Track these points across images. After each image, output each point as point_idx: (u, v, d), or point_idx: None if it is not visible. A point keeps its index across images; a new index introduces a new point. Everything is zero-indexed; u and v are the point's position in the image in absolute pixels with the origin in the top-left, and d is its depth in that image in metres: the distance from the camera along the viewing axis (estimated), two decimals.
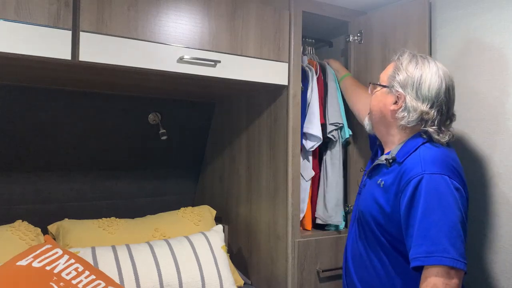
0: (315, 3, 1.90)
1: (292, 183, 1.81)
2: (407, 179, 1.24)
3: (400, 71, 1.36)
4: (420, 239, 1.17)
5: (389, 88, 1.38)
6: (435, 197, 1.18)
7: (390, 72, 1.40)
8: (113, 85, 1.86)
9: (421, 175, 1.21)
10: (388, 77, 1.40)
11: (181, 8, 1.56)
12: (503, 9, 1.54)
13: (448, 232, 1.15)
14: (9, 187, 1.94)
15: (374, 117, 1.45)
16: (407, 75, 1.34)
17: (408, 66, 1.35)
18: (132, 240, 1.82)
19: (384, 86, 1.41)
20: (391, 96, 1.37)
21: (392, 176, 1.30)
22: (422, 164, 1.24)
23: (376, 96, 1.44)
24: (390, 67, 1.42)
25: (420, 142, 1.31)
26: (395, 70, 1.38)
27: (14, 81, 1.74)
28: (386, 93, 1.40)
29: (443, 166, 1.23)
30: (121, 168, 2.21)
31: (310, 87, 1.92)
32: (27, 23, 1.29)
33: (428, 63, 1.35)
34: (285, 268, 1.81)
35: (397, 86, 1.35)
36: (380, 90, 1.42)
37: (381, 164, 1.37)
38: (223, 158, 2.29)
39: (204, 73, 1.59)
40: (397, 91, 1.35)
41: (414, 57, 1.38)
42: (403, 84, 1.34)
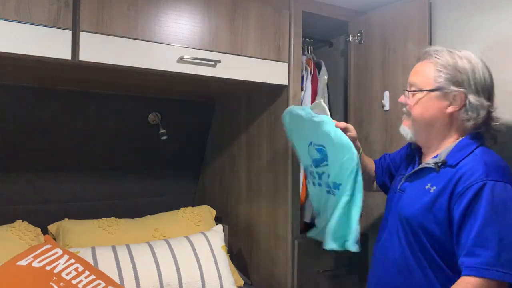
0: (315, 3, 1.90)
1: (292, 183, 1.81)
2: (467, 184, 1.14)
3: (447, 68, 1.23)
4: (478, 248, 1.09)
5: (440, 91, 1.24)
6: (499, 207, 1.10)
7: (432, 73, 1.25)
8: (113, 85, 1.86)
9: (484, 181, 1.12)
10: (433, 78, 1.25)
11: (181, 8, 1.56)
12: (503, 9, 1.54)
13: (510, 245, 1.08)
14: (9, 187, 1.93)
15: (421, 124, 1.30)
16: (457, 71, 1.22)
17: (454, 61, 1.23)
18: (132, 240, 1.82)
19: (432, 90, 1.25)
20: (445, 98, 1.24)
21: (444, 181, 1.20)
22: (485, 169, 1.14)
23: (422, 102, 1.28)
24: (427, 67, 1.28)
25: (474, 144, 1.22)
26: (439, 69, 1.24)
27: (14, 81, 1.74)
28: (435, 96, 1.25)
29: (506, 174, 1.15)
30: (121, 168, 2.21)
31: (304, 86, 1.93)
32: (27, 23, 1.29)
33: (469, 55, 1.25)
34: (285, 268, 1.81)
35: (451, 85, 1.22)
36: (425, 96, 1.27)
37: (427, 168, 1.27)
38: (223, 158, 2.29)
39: (204, 73, 1.60)
40: (453, 91, 1.22)
41: (451, 52, 1.26)
42: (457, 81, 1.22)
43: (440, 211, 1.19)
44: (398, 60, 1.84)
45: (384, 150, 1.87)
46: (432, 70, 1.26)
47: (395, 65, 1.85)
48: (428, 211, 1.22)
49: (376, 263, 1.42)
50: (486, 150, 1.22)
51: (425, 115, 1.28)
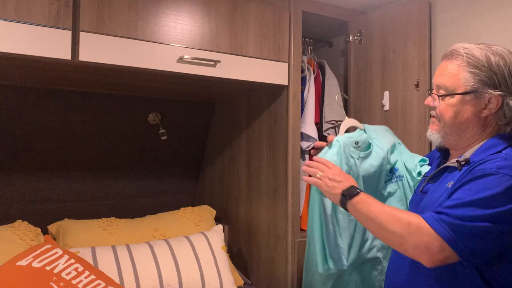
0: (315, 3, 1.90)
1: (292, 183, 1.81)
2: (476, 169, 1.08)
3: (480, 69, 1.14)
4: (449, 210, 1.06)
5: (475, 93, 1.14)
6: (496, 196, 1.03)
7: (462, 75, 1.16)
8: (113, 85, 1.86)
9: (495, 171, 1.04)
10: (464, 81, 1.15)
11: (181, 8, 1.56)
12: (503, 9, 1.54)
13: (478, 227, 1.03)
14: (9, 187, 1.94)
15: (451, 129, 1.22)
16: (492, 71, 1.13)
17: (488, 60, 1.14)
18: (132, 240, 1.82)
19: (465, 93, 1.16)
20: (479, 101, 1.15)
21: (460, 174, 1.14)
22: (502, 163, 1.06)
23: (453, 106, 1.18)
24: (459, 67, 1.17)
25: (503, 144, 1.14)
26: (472, 69, 1.15)
27: (14, 81, 1.74)
28: (468, 99, 1.16)
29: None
30: (121, 168, 2.21)
31: (307, 87, 1.93)
32: (27, 23, 1.29)
33: (501, 50, 1.15)
34: (285, 268, 1.81)
35: (486, 87, 1.13)
36: (457, 99, 1.17)
37: (451, 166, 1.20)
38: (223, 158, 2.29)
39: (204, 73, 1.59)
40: (490, 93, 1.12)
41: (481, 48, 1.16)
42: (494, 83, 1.13)
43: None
44: (398, 60, 1.84)
45: None
46: (464, 70, 1.16)
47: (395, 65, 1.85)
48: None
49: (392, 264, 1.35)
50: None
51: (458, 120, 1.19)
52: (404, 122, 1.82)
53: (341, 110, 2.01)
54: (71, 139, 2.01)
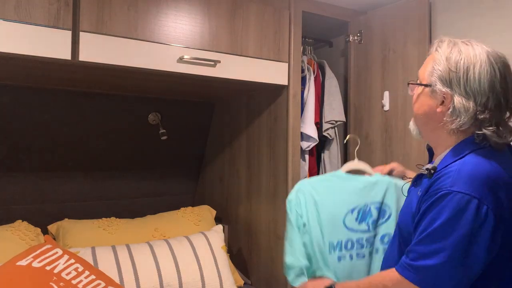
0: (315, 3, 1.90)
1: (292, 183, 1.80)
2: (434, 189, 1.07)
3: (441, 64, 1.12)
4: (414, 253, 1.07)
5: (431, 87, 1.14)
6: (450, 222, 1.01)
7: (429, 68, 1.16)
8: (113, 85, 1.86)
9: (448, 190, 1.02)
10: (428, 73, 1.16)
11: (181, 8, 1.56)
12: (503, 9, 1.54)
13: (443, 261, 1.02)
14: (9, 187, 1.94)
15: (419, 121, 1.22)
16: (449, 69, 1.10)
17: (450, 57, 1.11)
18: (132, 240, 1.82)
19: (424, 85, 1.16)
20: (435, 96, 1.13)
21: (426, 185, 1.12)
22: (456, 177, 1.04)
23: (418, 97, 1.20)
24: (429, 61, 1.18)
25: (469, 149, 1.09)
26: (434, 64, 1.14)
27: (14, 81, 1.74)
28: (429, 93, 1.15)
29: (479, 186, 1.02)
30: (121, 168, 2.21)
31: (307, 87, 1.93)
32: (27, 23, 1.29)
33: (474, 50, 1.11)
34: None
35: (440, 84, 1.11)
36: (422, 91, 1.18)
37: (423, 174, 1.18)
38: (223, 158, 2.29)
39: (204, 73, 1.59)
40: (441, 91, 1.11)
41: (456, 44, 1.14)
42: (447, 80, 1.10)
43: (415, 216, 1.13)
44: (398, 60, 1.84)
45: (384, 150, 1.88)
46: (431, 63, 1.16)
47: (395, 65, 1.85)
48: (411, 218, 1.15)
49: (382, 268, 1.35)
50: (478, 156, 1.08)
51: (419, 111, 1.20)
52: (404, 122, 1.82)
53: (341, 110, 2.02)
54: (71, 139, 2.01)
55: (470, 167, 1.05)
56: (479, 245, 1.01)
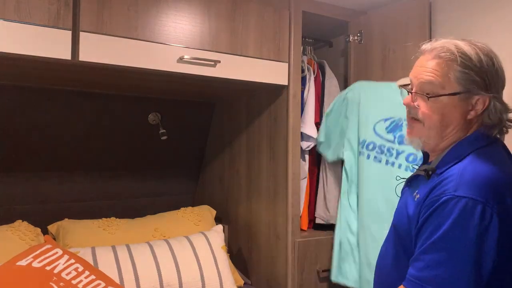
0: (315, 3, 1.90)
1: (292, 183, 1.81)
2: (436, 194, 1.02)
3: (472, 68, 1.05)
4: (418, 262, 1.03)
5: (465, 94, 1.05)
6: (455, 228, 0.97)
7: (453, 73, 1.06)
8: (113, 85, 1.86)
9: (451, 196, 0.98)
10: (455, 79, 1.06)
11: (181, 8, 1.56)
12: (503, 9, 1.54)
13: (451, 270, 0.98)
14: (9, 187, 1.94)
15: (433, 132, 1.11)
16: (483, 72, 1.04)
17: (480, 59, 1.05)
18: (132, 240, 1.82)
19: (456, 94, 1.06)
20: (467, 102, 1.06)
21: (426, 189, 1.08)
22: (459, 181, 1.00)
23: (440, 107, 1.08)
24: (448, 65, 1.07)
25: (468, 149, 1.06)
26: (463, 69, 1.05)
27: (14, 81, 1.74)
28: (458, 100, 1.06)
29: (484, 188, 0.99)
30: (121, 168, 2.21)
31: (307, 87, 1.93)
32: (27, 23, 1.29)
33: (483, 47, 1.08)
34: (285, 268, 1.81)
35: (476, 88, 1.04)
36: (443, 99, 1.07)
37: (421, 175, 1.14)
38: (223, 158, 2.29)
39: (204, 73, 1.59)
40: (481, 94, 1.04)
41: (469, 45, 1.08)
42: (485, 83, 1.04)
43: (414, 220, 1.09)
44: (398, 60, 1.84)
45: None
46: (454, 69, 1.06)
47: (395, 65, 1.85)
48: (407, 220, 1.12)
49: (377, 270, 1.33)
50: (480, 158, 1.04)
51: (444, 123, 1.09)
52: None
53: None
54: (71, 139, 2.01)
55: (474, 169, 1.02)
56: (487, 250, 0.97)
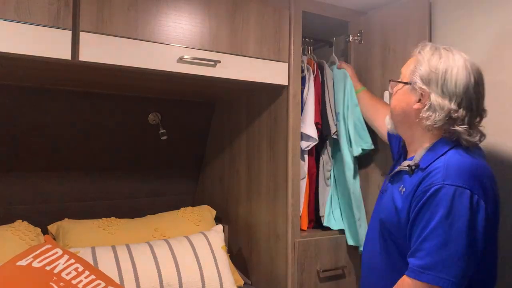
0: (315, 3, 1.90)
1: (292, 183, 1.81)
2: (425, 185, 1.14)
3: (422, 65, 1.24)
4: (420, 251, 1.12)
5: (412, 85, 1.26)
6: (449, 213, 1.09)
7: (411, 67, 1.28)
8: (113, 85, 1.86)
9: (441, 184, 1.11)
10: (410, 72, 1.27)
11: (181, 8, 1.56)
12: (503, 8, 1.54)
13: (450, 252, 1.08)
14: (9, 187, 1.94)
15: (396, 117, 1.34)
16: (430, 70, 1.22)
17: (431, 60, 1.23)
18: (132, 240, 1.82)
19: (405, 83, 1.28)
20: (414, 93, 1.25)
21: (414, 183, 1.20)
22: (445, 172, 1.13)
23: (398, 94, 1.32)
24: (412, 61, 1.30)
25: (448, 146, 1.20)
26: (417, 64, 1.26)
27: (14, 81, 1.74)
28: (408, 90, 1.27)
29: (467, 177, 1.12)
30: (121, 168, 2.21)
31: (306, 87, 1.92)
32: (27, 23, 1.29)
33: (453, 56, 1.23)
34: (285, 268, 1.81)
35: (420, 82, 1.23)
36: (401, 88, 1.30)
37: (404, 170, 1.27)
38: (223, 158, 2.29)
39: (204, 73, 1.59)
40: (421, 88, 1.22)
41: (437, 49, 1.26)
42: (427, 79, 1.22)
43: (403, 214, 1.20)
44: (398, 60, 1.84)
45: (384, 149, 1.87)
46: (413, 64, 1.28)
47: (395, 65, 1.85)
48: (396, 214, 1.23)
49: (363, 265, 1.42)
50: (459, 152, 1.18)
51: (397, 107, 1.32)
52: None
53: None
54: (71, 139, 2.01)
55: (457, 161, 1.15)
56: (479, 230, 1.10)
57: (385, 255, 1.28)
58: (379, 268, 1.30)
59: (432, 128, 1.23)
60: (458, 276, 1.08)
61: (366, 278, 1.39)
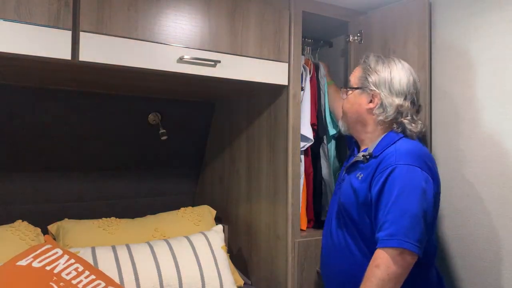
0: (315, 3, 1.90)
1: (292, 183, 1.81)
2: (381, 168, 1.34)
3: (371, 72, 1.48)
4: (386, 223, 1.27)
5: (362, 89, 1.49)
6: (405, 187, 1.28)
7: (359, 74, 1.52)
8: (113, 85, 1.86)
9: (395, 165, 1.31)
10: (359, 79, 1.51)
11: (181, 8, 1.56)
12: (503, 9, 1.54)
13: (410, 219, 1.25)
14: (9, 187, 1.93)
15: (349, 118, 1.55)
16: (378, 75, 1.46)
17: (377, 67, 1.48)
18: (132, 240, 1.82)
19: (357, 88, 1.51)
20: (365, 96, 1.48)
21: (369, 169, 1.39)
22: (397, 155, 1.34)
23: (350, 98, 1.54)
24: (358, 70, 1.54)
25: (397, 137, 1.42)
26: (364, 72, 1.50)
27: (14, 81, 1.74)
28: (359, 94, 1.50)
29: (416, 158, 1.33)
30: (121, 168, 2.21)
31: (303, 87, 1.92)
32: (27, 23, 1.29)
33: (394, 62, 1.49)
34: (285, 268, 1.81)
35: (371, 86, 1.46)
36: (353, 93, 1.52)
37: (359, 160, 1.45)
38: (223, 158, 2.29)
39: (204, 73, 1.59)
40: (372, 90, 1.46)
41: (380, 58, 1.51)
42: (376, 83, 1.46)
43: (361, 194, 1.38)
44: None
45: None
46: (360, 72, 1.52)
47: None
48: (354, 195, 1.41)
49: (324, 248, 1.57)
50: (406, 141, 1.41)
51: (350, 110, 1.53)
52: None
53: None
54: (71, 139, 2.01)
55: (406, 147, 1.37)
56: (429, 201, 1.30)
57: (341, 233, 1.47)
58: (336, 244, 1.48)
59: (383, 122, 1.45)
60: (418, 240, 1.25)
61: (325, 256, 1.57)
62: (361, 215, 1.39)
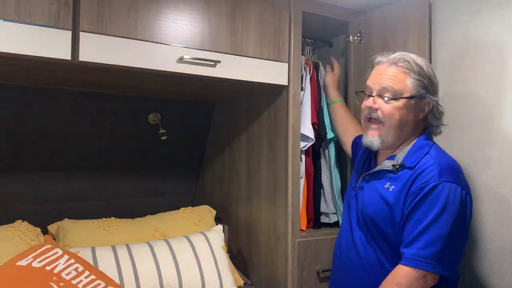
0: (315, 3, 1.90)
1: (292, 183, 1.81)
2: (421, 183, 1.22)
3: (423, 76, 1.28)
4: (417, 242, 1.18)
5: (418, 98, 1.29)
6: (446, 208, 1.18)
7: (410, 80, 1.29)
8: (113, 85, 1.86)
9: (438, 181, 1.20)
10: (411, 85, 1.28)
11: (181, 8, 1.56)
12: (503, 8, 1.54)
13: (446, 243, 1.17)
14: (9, 187, 1.93)
15: (393, 131, 1.32)
16: (431, 80, 1.30)
17: (428, 69, 1.30)
18: (132, 240, 1.82)
19: (412, 97, 1.29)
20: (418, 104, 1.30)
21: (403, 181, 1.27)
22: (439, 170, 1.22)
23: (399, 108, 1.29)
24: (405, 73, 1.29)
25: (427, 145, 1.30)
26: (417, 76, 1.28)
27: (14, 81, 1.74)
28: (413, 103, 1.29)
29: (458, 176, 1.24)
30: (121, 168, 2.21)
31: (303, 86, 1.92)
32: (27, 23, 1.29)
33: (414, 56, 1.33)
34: (285, 268, 1.81)
35: (427, 93, 1.29)
36: (401, 102, 1.29)
37: (386, 169, 1.32)
38: (223, 158, 2.29)
39: (204, 73, 1.59)
40: (430, 98, 1.29)
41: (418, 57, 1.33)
42: (432, 90, 1.29)
43: (398, 209, 1.26)
44: None
45: None
46: (410, 76, 1.29)
47: None
48: (389, 211, 1.29)
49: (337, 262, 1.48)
50: (439, 150, 1.31)
51: (402, 122, 1.31)
52: None
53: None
54: (71, 139, 2.01)
55: (445, 160, 1.26)
56: (467, 224, 1.23)
57: (371, 249, 1.34)
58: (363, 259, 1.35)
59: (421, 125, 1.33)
60: (456, 264, 1.20)
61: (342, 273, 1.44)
62: (397, 232, 1.27)
